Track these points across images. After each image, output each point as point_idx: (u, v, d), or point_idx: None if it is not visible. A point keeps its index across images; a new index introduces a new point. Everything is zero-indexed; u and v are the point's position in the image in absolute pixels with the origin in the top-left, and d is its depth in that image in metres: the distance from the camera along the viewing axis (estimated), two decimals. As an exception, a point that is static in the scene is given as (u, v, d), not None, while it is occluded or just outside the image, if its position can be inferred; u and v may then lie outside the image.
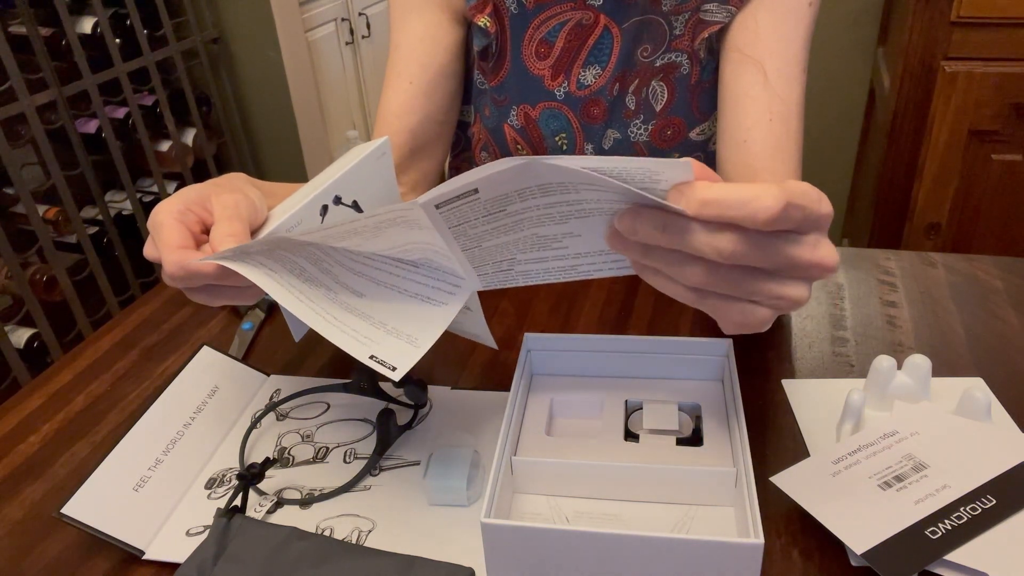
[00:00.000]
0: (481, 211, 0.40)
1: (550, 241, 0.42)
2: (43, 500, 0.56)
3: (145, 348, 0.73)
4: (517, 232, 0.42)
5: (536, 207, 0.39)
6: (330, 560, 0.48)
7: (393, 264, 0.48)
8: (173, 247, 0.46)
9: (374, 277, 0.49)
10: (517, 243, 0.43)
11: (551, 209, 0.39)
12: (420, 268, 0.48)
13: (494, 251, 0.44)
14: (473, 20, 0.79)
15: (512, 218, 0.40)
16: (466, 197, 0.38)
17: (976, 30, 1.45)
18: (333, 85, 2.43)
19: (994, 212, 1.57)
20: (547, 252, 0.43)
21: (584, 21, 0.77)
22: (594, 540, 0.42)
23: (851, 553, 0.47)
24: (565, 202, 0.38)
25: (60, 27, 1.56)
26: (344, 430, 0.61)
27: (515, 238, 0.42)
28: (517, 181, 0.37)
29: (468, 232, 0.42)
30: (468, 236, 0.43)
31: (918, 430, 0.53)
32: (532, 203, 0.39)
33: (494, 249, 0.44)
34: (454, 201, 0.39)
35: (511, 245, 0.43)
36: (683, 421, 0.55)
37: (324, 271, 0.48)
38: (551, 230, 0.41)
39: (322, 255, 0.47)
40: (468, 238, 0.43)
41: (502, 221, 0.41)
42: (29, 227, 1.55)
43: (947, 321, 0.69)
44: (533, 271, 0.46)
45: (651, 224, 0.36)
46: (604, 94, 0.80)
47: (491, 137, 0.86)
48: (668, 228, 0.36)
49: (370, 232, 0.43)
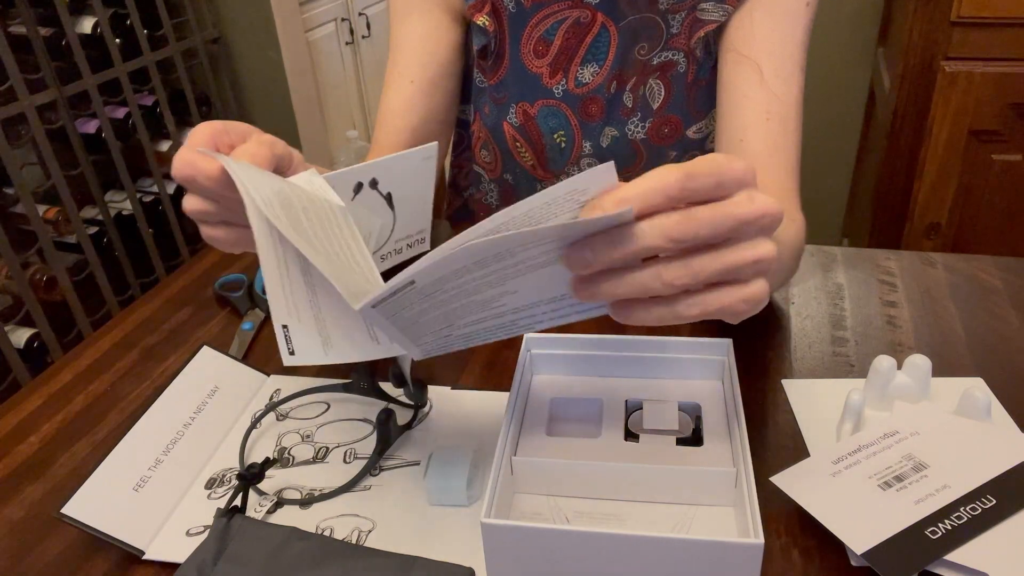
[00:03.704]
0: (417, 297, 0.40)
1: (487, 303, 0.42)
2: (43, 500, 0.56)
3: (145, 348, 0.73)
4: (453, 303, 0.41)
5: (472, 279, 0.39)
6: (330, 560, 0.47)
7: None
8: (192, 147, 0.47)
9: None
10: (454, 312, 0.42)
11: (488, 277, 0.39)
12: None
13: (431, 323, 0.44)
14: (472, 19, 0.79)
15: (448, 294, 0.40)
16: (403, 290, 0.39)
17: (976, 30, 1.45)
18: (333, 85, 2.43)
19: (994, 212, 1.57)
20: (484, 313, 0.43)
21: (582, 19, 0.77)
22: (594, 540, 0.42)
23: (851, 553, 0.47)
24: (501, 268, 0.38)
25: (60, 27, 1.56)
26: (344, 430, 0.61)
27: (451, 308, 0.42)
28: (452, 264, 0.37)
29: (404, 316, 0.42)
30: (404, 319, 0.42)
31: (918, 430, 0.53)
32: (468, 277, 0.39)
33: (431, 321, 0.43)
34: (390, 297, 0.39)
35: (449, 315, 0.43)
36: (683, 421, 0.55)
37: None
38: (487, 294, 0.41)
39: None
40: (405, 320, 0.43)
41: (438, 298, 0.40)
42: (29, 227, 1.55)
43: (947, 321, 0.69)
44: (472, 332, 0.45)
45: (601, 244, 0.36)
46: (602, 92, 0.80)
47: (491, 135, 0.87)
48: (616, 239, 0.36)
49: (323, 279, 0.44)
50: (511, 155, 0.87)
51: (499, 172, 0.90)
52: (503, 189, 0.92)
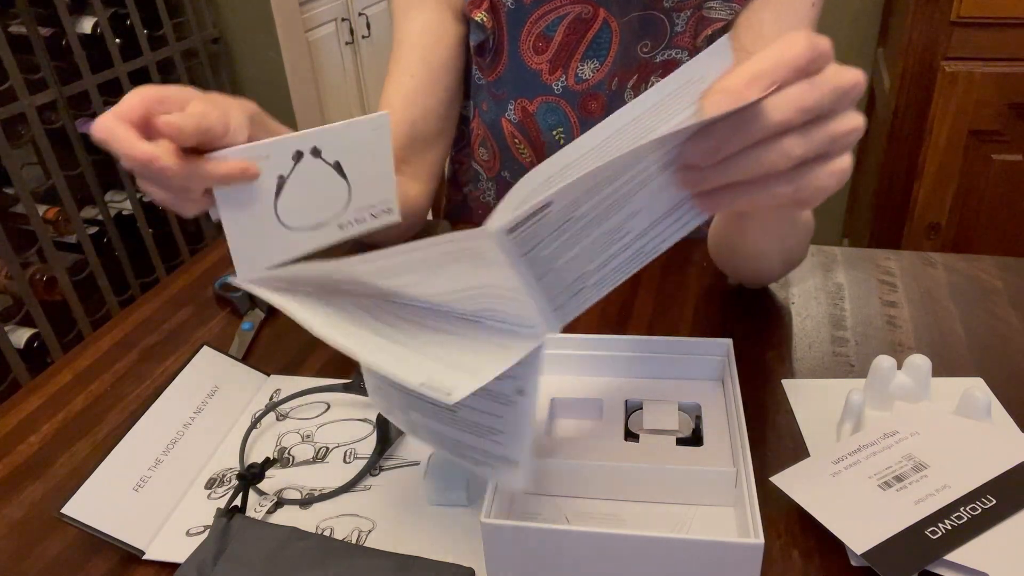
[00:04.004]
0: (552, 226, 0.37)
1: (614, 234, 0.40)
2: (43, 500, 0.56)
3: (145, 348, 0.73)
4: (585, 237, 0.39)
5: (602, 200, 0.37)
6: (330, 560, 0.47)
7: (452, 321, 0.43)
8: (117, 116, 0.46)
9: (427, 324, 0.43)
10: (585, 253, 0.40)
11: (615, 194, 0.37)
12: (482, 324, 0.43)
13: (565, 272, 0.40)
14: (470, 15, 0.79)
15: (580, 223, 0.38)
16: (539, 214, 0.35)
17: (976, 30, 1.45)
18: (333, 85, 2.43)
19: (994, 212, 1.57)
20: (613, 247, 0.40)
21: (584, 15, 0.77)
22: (594, 540, 0.42)
23: (851, 553, 0.47)
24: (629, 178, 0.36)
25: (60, 27, 1.56)
26: (344, 430, 0.61)
27: (583, 246, 0.39)
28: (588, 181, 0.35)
29: (540, 255, 0.38)
30: (540, 261, 0.38)
31: (918, 430, 0.53)
32: (598, 198, 0.37)
33: (565, 269, 0.40)
34: (526, 222, 0.35)
35: (581, 257, 0.40)
36: (683, 421, 0.55)
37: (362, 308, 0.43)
38: (615, 219, 0.39)
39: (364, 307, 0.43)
40: (540, 263, 0.38)
41: (571, 231, 0.38)
42: (29, 227, 1.55)
43: (947, 321, 0.69)
44: (604, 277, 0.42)
45: (727, 130, 0.36)
46: (603, 88, 0.80)
47: (489, 132, 0.87)
48: (746, 121, 0.35)
49: (428, 269, 0.39)
50: (509, 152, 0.87)
51: (497, 170, 0.90)
52: (500, 188, 0.92)
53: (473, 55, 0.83)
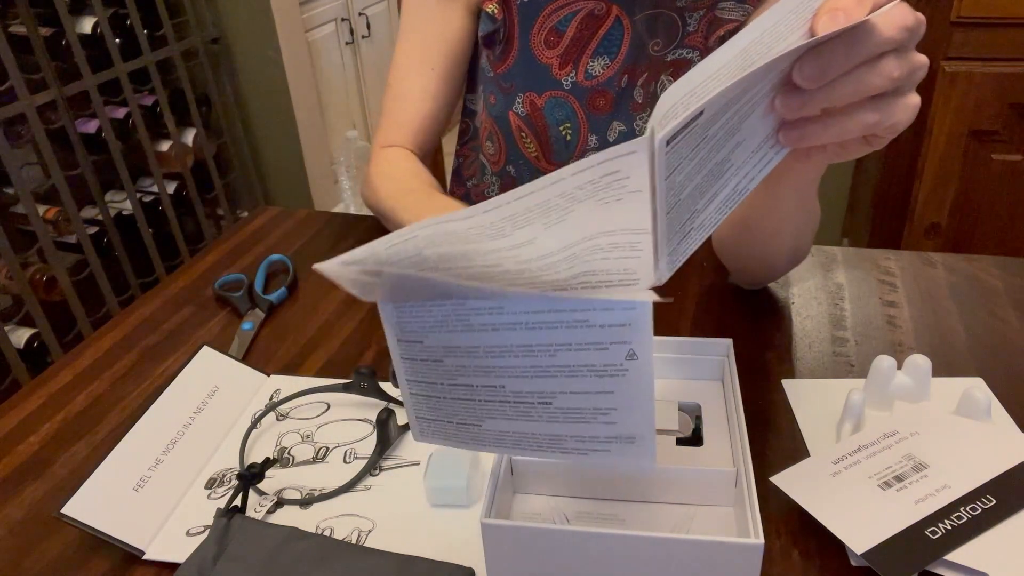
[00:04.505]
0: (692, 143, 0.35)
1: (723, 164, 0.39)
2: (43, 500, 0.56)
3: (145, 348, 0.73)
4: (709, 162, 0.37)
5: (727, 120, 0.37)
6: (330, 560, 0.47)
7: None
8: None
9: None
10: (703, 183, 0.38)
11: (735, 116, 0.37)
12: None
13: (685, 205, 0.37)
14: (482, 5, 0.80)
15: (708, 145, 0.36)
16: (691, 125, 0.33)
17: (976, 30, 1.45)
18: (333, 85, 2.43)
19: (994, 212, 1.57)
20: (717, 184, 0.39)
21: (597, 11, 0.77)
22: (594, 540, 0.42)
23: (851, 553, 0.47)
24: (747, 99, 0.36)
25: (60, 27, 1.56)
26: (344, 430, 0.61)
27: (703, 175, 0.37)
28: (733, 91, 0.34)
29: (676, 180, 0.35)
30: (674, 188, 0.35)
31: (918, 430, 0.53)
32: (725, 117, 0.36)
33: (687, 201, 0.37)
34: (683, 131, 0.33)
35: (700, 187, 0.38)
36: (683, 421, 0.55)
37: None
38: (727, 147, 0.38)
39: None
40: (674, 191, 0.35)
41: (701, 153, 0.36)
42: (29, 227, 1.56)
43: (947, 321, 0.69)
44: (707, 219, 0.40)
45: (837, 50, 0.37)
46: (612, 86, 0.80)
47: (495, 124, 0.87)
48: (857, 40, 0.36)
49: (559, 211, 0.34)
50: (515, 145, 0.87)
51: (502, 164, 0.90)
52: (505, 182, 0.92)
53: (481, 46, 0.84)
